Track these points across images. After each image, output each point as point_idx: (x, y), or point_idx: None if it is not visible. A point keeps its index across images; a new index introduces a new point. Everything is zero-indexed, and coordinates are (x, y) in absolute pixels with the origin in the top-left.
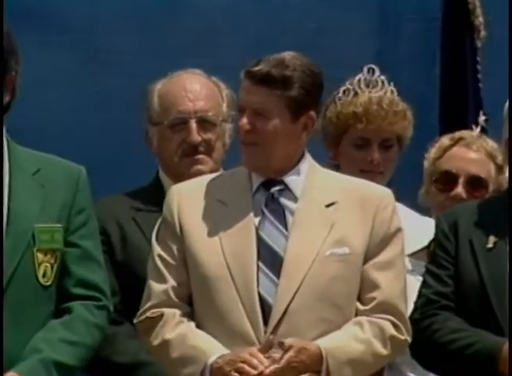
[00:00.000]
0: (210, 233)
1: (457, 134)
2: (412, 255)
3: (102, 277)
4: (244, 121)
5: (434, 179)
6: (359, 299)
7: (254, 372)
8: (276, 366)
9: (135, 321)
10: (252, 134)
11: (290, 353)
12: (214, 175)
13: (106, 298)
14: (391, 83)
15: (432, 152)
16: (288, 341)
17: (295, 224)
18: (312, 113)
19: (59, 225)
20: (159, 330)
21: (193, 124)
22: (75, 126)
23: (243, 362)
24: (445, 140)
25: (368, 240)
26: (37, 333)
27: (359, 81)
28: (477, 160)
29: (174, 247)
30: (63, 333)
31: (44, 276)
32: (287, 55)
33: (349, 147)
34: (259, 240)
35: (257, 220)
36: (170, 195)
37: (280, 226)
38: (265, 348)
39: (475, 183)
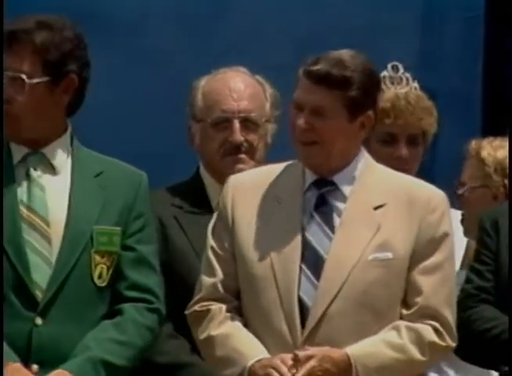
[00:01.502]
0: (259, 230)
1: None
2: None
3: (155, 281)
4: (302, 120)
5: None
6: (404, 304)
7: None
8: (296, 375)
9: (185, 312)
10: (310, 133)
11: (312, 362)
12: (270, 167)
13: (159, 301)
14: (415, 80)
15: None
16: (310, 350)
17: (341, 226)
18: (370, 112)
19: (118, 228)
20: (205, 325)
21: (237, 124)
22: (125, 124)
23: (274, 368)
24: None
25: (413, 244)
26: (89, 332)
27: (384, 78)
28: None
29: (226, 240)
30: (113, 333)
31: (99, 277)
32: (346, 54)
33: (376, 144)
34: (305, 241)
35: (305, 220)
36: (226, 187)
37: (326, 228)
38: (298, 358)
39: None
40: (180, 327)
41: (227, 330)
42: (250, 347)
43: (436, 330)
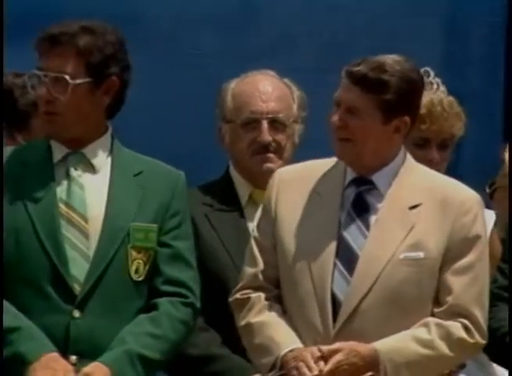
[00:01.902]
0: (299, 223)
1: None
2: None
3: (190, 276)
4: (336, 117)
5: None
6: (436, 302)
7: (309, 374)
8: (324, 369)
9: (229, 299)
10: (344, 130)
11: (339, 356)
12: (316, 162)
13: (194, 295)
14: (444, 85)
15: None
16: (336, 344)
17: (376, 224)
18: (406, 117)
19: (155, 225)
20: (245, 312)
21: (265, 125)
22: (162, 124)
23: (303, 361)
24: None
25: (446, 245)
26: (125, 326)
27: None
28: None
29: (269, 232)
30: (149, 327)
31: (136, 272)
32: (389, 59)
33: (410, 147)
34: (340, 237)
35: (342, 217)
36: (272, 181)
37: (362, 225)
38: (323, 352)
39: None
40: (211, 321)
41: (264, 319)
42: (284, 337)
43: (465, 328)
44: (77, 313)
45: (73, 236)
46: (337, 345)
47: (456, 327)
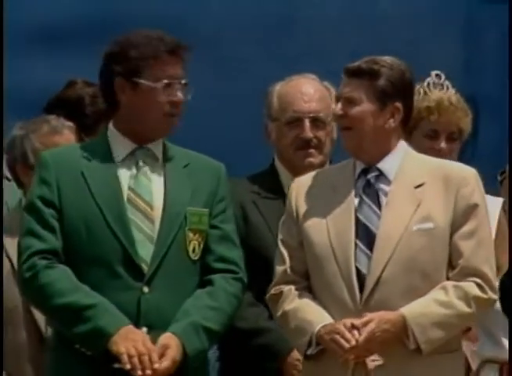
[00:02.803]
0: (320, 217)
1: None
2: None
3: (237, 254)
4: (338, 107)
5: None
6: (450, 266)
7: (347, 345)
8: (359, 338)
9: (266, 296)
10: (345, 119)
11: (372, 325)
12: (327, 168)
13: (242, 271)
14: (454, 87)
15: None
16: (367, 316)
17: (387, 204)
18: (398, 104)
19: (206, 210)
20: (280, 304)
21: (307, 123)
22: (204, 124)
23: (338, 334)
24: None
25: (452, 215)
26: (186, 300)
27: (428, 83)
28: None
29: (293, 231)
30: (208, 301)
31: (193, 251)
32: (382, 57)
33: (421, 137)
34: (357, 220)
35: (356, 203)
36: (291, 189)
37: (375, 207)
38: (355, 325)
39: None
40: (258, 296)
41: (296, 305)
42: (316, 315)
43: (478, 286)
44: (146, 289)
45: (139, 220)
46: (368, 316)
47: (470, 286)
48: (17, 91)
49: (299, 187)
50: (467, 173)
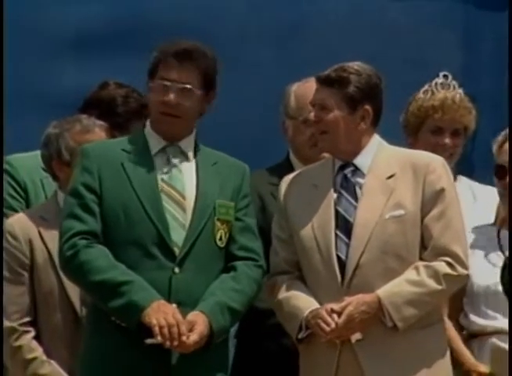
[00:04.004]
0: (304, 212)
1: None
2: (477, 229)
3: (258, 245)
4: (312, 114)
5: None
6: (423, 248)
7: (327, 328)
8: (338, 321)
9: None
10: (320, 124)
11: (350, 307)
12: (311, 165)
13: (262, 259)
14: (462, 87)
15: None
16: (345, 300)
17: (362, 196)
18: (367, 107)
19: (232, 203)
20: (275, 293)
21: None
22: (218, 123)
23: (320, 318)
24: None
25: (421, 200)
26: (212, 282)
27: (436, 84)
28: None
29: (284, 225)
30: (232, 284)
31: (220, 239)
32: (351, 63)
33: (426, 134)
34: (337, 213)
35: (335, 197)
36: (280, 186)
37: (352, 199)
38: (334, 310)
39: None
40: None
41: (288, 294)
42: (305, 302)
43: (449, 264)
44: (177, 269)
45: (172, 209)
46: (346, 301)
47: (440, 266)
48: (50, 92)
49: (287, 185)
50: (434, 161)
